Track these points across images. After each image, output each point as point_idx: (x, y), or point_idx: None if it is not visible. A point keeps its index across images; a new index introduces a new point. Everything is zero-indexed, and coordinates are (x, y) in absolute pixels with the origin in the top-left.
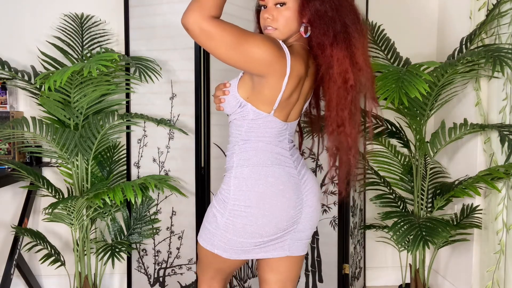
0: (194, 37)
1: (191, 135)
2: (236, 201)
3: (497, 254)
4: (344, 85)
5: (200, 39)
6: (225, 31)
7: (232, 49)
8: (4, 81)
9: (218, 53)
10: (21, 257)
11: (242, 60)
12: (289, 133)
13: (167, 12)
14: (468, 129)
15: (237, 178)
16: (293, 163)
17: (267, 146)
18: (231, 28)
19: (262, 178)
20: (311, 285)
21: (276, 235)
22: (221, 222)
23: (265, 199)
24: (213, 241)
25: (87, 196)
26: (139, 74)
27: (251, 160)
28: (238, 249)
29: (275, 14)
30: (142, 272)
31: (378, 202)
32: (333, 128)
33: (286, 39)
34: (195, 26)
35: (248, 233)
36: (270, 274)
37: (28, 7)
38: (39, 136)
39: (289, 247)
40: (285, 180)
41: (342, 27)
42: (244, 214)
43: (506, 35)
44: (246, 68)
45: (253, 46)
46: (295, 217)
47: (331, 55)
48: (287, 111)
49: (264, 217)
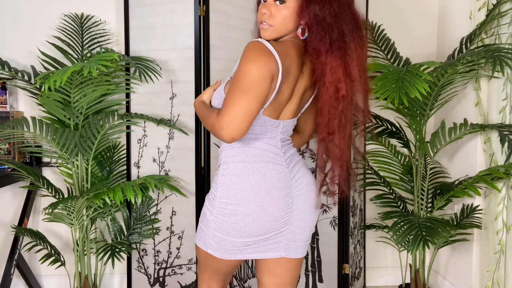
0: (238, 136)
1: (191, 135)
2: (222, 199)
3: (497, 254)
4: (335, 94)
5: (237, 133)
6: (229, 106)
7: (243, 102)
8: (4, 81)
9: (253, 112)
10: (21, 257)
11: (255, 95)
12: (283, 131)
13: (167, 12)
14: (468, 129)
15: (223, 175)
16: (285, 161)
17: (255, 143)
18: (226, 99)
19: (247, 174)
20: (311, 285)
21: (266, 234)
22: (210, 220)
23: (250, 196)
24: (205, 240)
25: (87, 196)
26: (139, 74)
27: (237, 156)
28: (229, 248)
29: (273, 11)
30: (142, 272)
31: (378, 202)
32: (324, 135)
33: (281, 37)
34: (227, 133)
35: (235, 231)
36: (268, 277)
37: (28, 7)
38: (39, 136)
39: (284, 248)
40: (272, 178)
41: (339, 35)
42: (230, 212)
43: (506, 35)
44: (268, 98)
45: (243, 79)
46: (285, 217)
47: (326, 62)
48: (277, 109)
49: (249, 216)
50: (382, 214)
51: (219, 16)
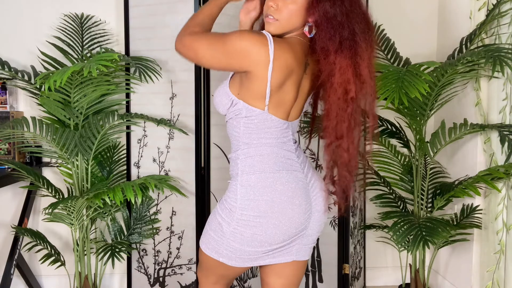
0: (183, 54)
1: (191, 135)
2: (243, 211)
3: (497, 254)
4: (344, 96)
5: (187, 55)
6: (201, 37)
7: (212, 50)
8: (4, 81)
9: (204, 61)
10: (21, 257)
11: (224, 58)
12: (292, 133)
13: (167, 12)
14: (468, 129)
15: (243, 186)
16: (300, 166)
17: (272, 149)
18: (208, 33)
19: (270, 185)
20: (311, 285)
21: (285, 242)
22: (227, 231)
23: (274, 207)
24: (218, 249)
25: (87, 196)
26: (139, 74)
27: (256, 166)
28: (245, 257)
29: (280, 5)
30: (142, 272)
31: (378, 202)
32: (332, 140)
33: (286, 33)
34: (179, 44)
35: (257, 242)
36: (274, 278)
37: (28, 7)
38: (39, 136)
39: (296, 252)
40: (293, 186)
41: (350, 34)
42: (252, 223)
43: (506, 35)
44: (230, 65)
45: (228, 39)
46: (305, 222)
47: (334, 62)
48: (285, 109)
49: (274, 226)
50: (382, 214)
51: (220, 16)
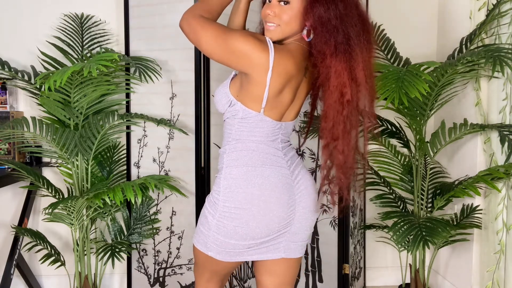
0: (185, 33)
1: (191, 135)
2: (225, 203)
3: (497, 254)
4: (340, 99)
5: (189, 36)
6: (209, 26)
7: (215, 42)
8: (4, 81)
9: (205, 48)
10: (21, 257)
11: (225, 53)
12: (284, 133)
13: (167, 12)
14: (468, 129)
15: (226, 179)
16: (286, 163)
17: (258, 146)
18: (216, 24)
19: (251, 178)
20: (311, 285)
21: (268, 236)
22: (212, 224)
23: (254, 200)
24: (206, 242)
25: (87, 196)
26: (139, 74)
27: (240, 160)
28: (230, 251)
29: (277, 11)
30: (142, 272)
31: (378, 202)
32: (328, 141)
33: (286, 38)
34: (185, 22)
35: (239, 235)
36: (266, 277)
37: (28, 7)
38: (39, 136)
39: (284, 249)
40: (275, 180)
41: (344, 38)
42: (234, 216)
43: (506, 35)
44: (229, 62)
45: (233, 38)
46: (287, 218)
47: (330, 65)
48: (280, 111)
49: (254, 219)
50: (382, 214)
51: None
